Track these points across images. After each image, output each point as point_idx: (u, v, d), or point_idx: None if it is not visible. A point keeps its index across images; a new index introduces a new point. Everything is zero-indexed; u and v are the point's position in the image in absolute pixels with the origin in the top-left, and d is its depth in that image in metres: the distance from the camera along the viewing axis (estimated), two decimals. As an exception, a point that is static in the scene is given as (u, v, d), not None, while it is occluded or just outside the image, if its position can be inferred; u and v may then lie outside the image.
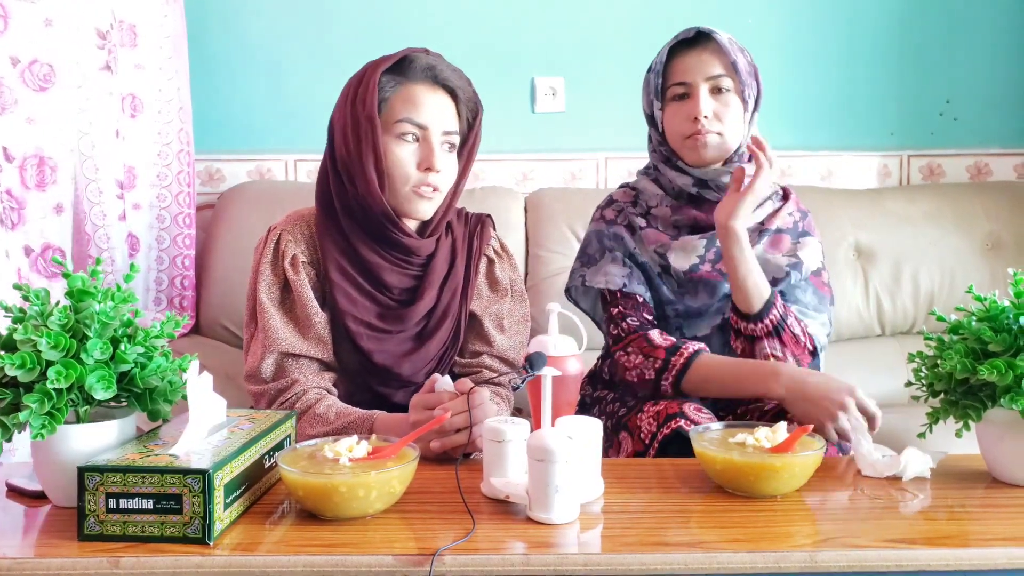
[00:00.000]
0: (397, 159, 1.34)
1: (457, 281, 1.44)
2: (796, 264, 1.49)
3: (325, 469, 0.96)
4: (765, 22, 2.47)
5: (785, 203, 1.55)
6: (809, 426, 1.07)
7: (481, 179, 2.46)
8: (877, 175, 2.53)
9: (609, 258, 1.52)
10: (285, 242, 1.39)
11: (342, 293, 1.37)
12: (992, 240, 2.30)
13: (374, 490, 0.94)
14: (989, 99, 2.53)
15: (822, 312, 1.50)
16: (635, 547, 0.89)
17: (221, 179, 2.44)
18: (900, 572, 0.88)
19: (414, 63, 1.36)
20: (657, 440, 1.29)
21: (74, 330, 0.96)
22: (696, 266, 1.48)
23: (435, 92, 1.36)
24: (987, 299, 1.08)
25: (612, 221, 1.55)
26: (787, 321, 1.42)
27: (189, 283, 2.26)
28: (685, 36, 1.48)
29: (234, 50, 2.42)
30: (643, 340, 1.43)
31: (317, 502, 0.95)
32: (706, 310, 1.50)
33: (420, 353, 1.39)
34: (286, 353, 1.34)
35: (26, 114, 1.79)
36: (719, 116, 1.45)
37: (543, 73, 2.47)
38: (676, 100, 1.48)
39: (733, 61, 1.44)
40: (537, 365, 1.00)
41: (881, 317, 2.27)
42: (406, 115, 1.34)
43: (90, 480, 0.90)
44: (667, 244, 1.50)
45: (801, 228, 1.54)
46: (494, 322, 1.46)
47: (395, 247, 1.38)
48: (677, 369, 1.38)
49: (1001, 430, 1.07)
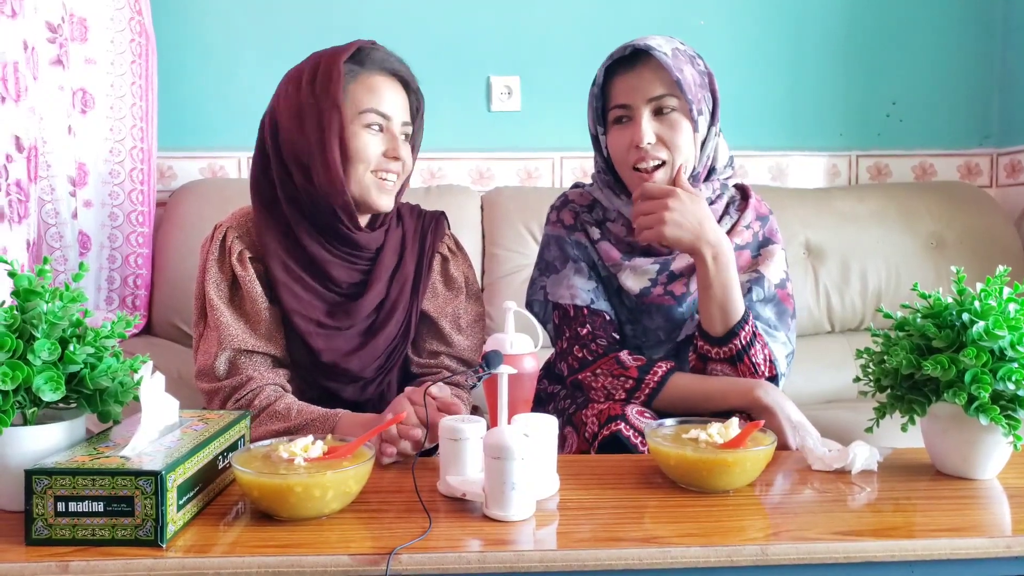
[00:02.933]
0: (363, 148, 1.33)
1: (407, 274, 1.42)
2: (758, 279, 1.41)
3: (280, 469, 0.95)
4: (716, 23, 2.50)
5: (743, 213, 1.46)
6: (760, 422, 1.10)
7: (437, 177, 2.46)
8: (826, 175, 2.59)
9: (573, 268, 1.44)
10: (231, 238, 1.37)
11: (288, 292, 1.35)
12: (936, 239, 2.36)
13: (330, 490, 0.94)
14: (934, 101, 2.60)
15: (781, 330, 1.42)
16: (590, 543, 0.90)
17: (173, 176, 2.40)
18: (849, 563, 0.90)
19: (370, 53, 1.36)
20: (597, 441, 1.28)
21: (20, 330, 0.94)
22: (648, 289, 1.41)
23: (392, 83, 1.37)
24: (931, 296, 1.11)
25: (572, 227, 1.47)
26: (749, 352, 1.34)
27: (143, 282, 2.22)
28: (621, 54, 1.36)
29: (186, 47, 2.39)
30: (613, 362, 1.37)
31: (272, 503, 0.94)
32: (664, 334, 1.45)
33: (368, 348, 1.38)
34: (239, 350, 1.33)
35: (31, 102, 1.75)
36: (665, 141, 1.34)
37: (499, 72, 2.47)
38: (618, 124, 1.38)
39: (677, 79, 1.32)
40: (493, 363, 1.00)
41: (831, 314, 2.32)
42: (371, 105, 1.33)
43: (38, 483, 0.88)
44: (619, 264, 1.42)
45: (762, 236, 1.46)
46: (451, 323, 1.45)
47: (343, 241, 1.37)
48: (651, 387, 1.34)
49: (945, 424, 1.10)
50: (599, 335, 1.41)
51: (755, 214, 1.47)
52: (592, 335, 1.41)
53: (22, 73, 1.72)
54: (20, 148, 1.71)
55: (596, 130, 1.43)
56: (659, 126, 1.35)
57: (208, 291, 1.35)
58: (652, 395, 1.34)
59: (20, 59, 1.71)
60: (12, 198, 1.69)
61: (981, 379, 1.02)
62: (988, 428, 1.05)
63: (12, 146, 1.69)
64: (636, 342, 1.47)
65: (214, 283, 1.35)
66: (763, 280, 1.41)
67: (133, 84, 2.19)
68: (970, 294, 1.08)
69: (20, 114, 1.71)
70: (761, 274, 1.42)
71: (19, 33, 1.71)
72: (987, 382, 1.02)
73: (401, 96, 1.37)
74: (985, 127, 2.61)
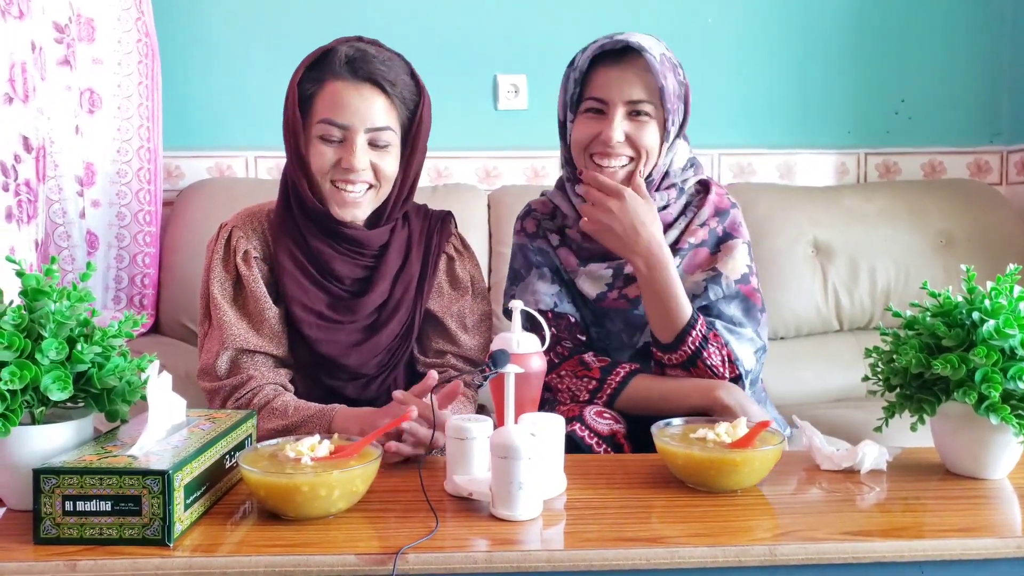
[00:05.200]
0: (315, 158, 1.33)
1: (412, 274, 1.42)
2: (715, 277, 1.40)
3: (287, 469, 0.95)
4: (725, 21, 2.49)
5: (699, 211, 1.43)
6: (770, 421, 1.09)
7: (444, 176, 2.46)
8: (835, 172, 2.57)
9: (536, 274, 1.44)
10: (236, 238, 1.38)
11: (292, 280, 1.36)
12: (945, 237, 2.35)
13: (337, 489, 0.94)
14: (943, 98, 2.58)
15: (748, 326, 1.39)
16: (597, 543, 0.90)
17: (180, 176, 2.40)
18: (857, 564, 0.90)
19: (334, 58, 1.33)
20: None
21: (28, 330, 0.94)
22: (603, 294, 1.42)
23: (358, 88, 1.32)
24: (941, 295, 1.10)
25: (534, 234, 1.47)
26: (702, 355, 1.33)
27: (150, 281, 2.22)
28: (612, 47, 1.34)
29: (194, 46, 2.39)
30: (576, 363, 1.38)
31: (279, 502, 0.94)
32: (626, 337, 1.45)
33: (368, 344, 1.38)
34: (241, 349, 1.33)
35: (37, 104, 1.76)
36: (634, 141, 1.34)
37: (505, 71, 2.47)
38: (589, 113, 1.36)
39: (661, 86, 1.32)
40: (500, 362, 1.00)
41: (839, 312, 2.31)
42: (326, 115, 1.32)
43: (46, 482, 0.88)
44: (576, 270, 1.43)
45: (721, 232, 1.43)
46: (458, 322, 1.45)
47: (345, 239, 1.38)
48: (612, 388, 1.34)
49: (955, 423, 1.09)
50: (563, 338, 1.42)
51: (713, 210, 1.44)
52: (557, 338, 1.41)
53: (30, 73, 1.72)
54: (28, 148, 1.72)
55: (565, 115, 1.41)
56: (630, 126, 1.34)
57: (212, 290, 1.35)
58: (614, 395, 1.34)
59: (28, 59, 1.71)
60: (21, 198, 1.70)
61: (991, 378, 1.01)
62: (998, 428, 1.04)
63: (20, 146, 1.70)
64: (602, 345, 1.47)
65: (218, 282, 1.36)
66: (720, 278, 1.40)
67: (140, 84, 2.20)
68: (980, 292, 1.07)
69: (28, 114, 1.72)
70: (718, 272, 1.40)
71: (27, 34, 1.71)
72: (997, 381, 1.01)
73: (369, 100, 1.32)
74: (995, 124, 2.59)
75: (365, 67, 1.32)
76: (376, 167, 1.34)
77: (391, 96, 1.34)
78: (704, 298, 1.39)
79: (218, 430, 1.04)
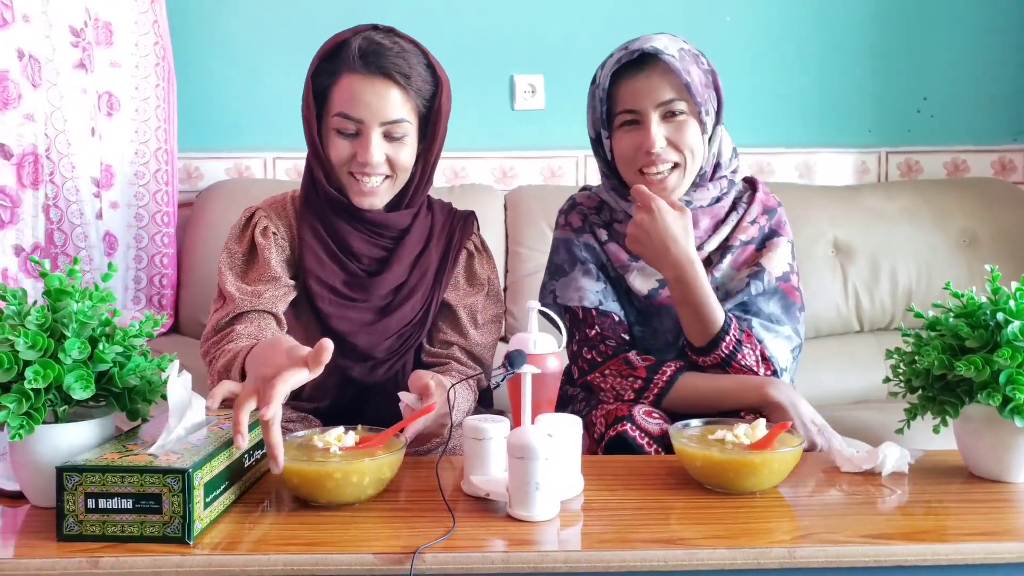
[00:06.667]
0: (334, 152, 1.36)
1: (430, 262, 1.43)
2: (757, 273, 1.39)
3: (316, 457, 0.99)
4: (744, 19, 2.48)
5: (749, 208, 1.44)
6: (788, 423, 1.08)
7: (460, 177, 2.46)
8: (855, 171, 2.55)
9: (581, 270, 1.43)
10: (259, 216, 1.41)
11: (311, 253, 1.38)
12: (968, 236, 2.33)
13: (367, 476, 0.98)
14: (966, 96, 2.55)
15: (786, 323, 1.40)
16: (615, 544, 0.90)
17: (199, 177, 2.42)
18: (878, 567, 0.89)
19: (348, 51, 1.34)
20: (603, 442, 1.27)
21: (52, 330, 0.95)
22: (656, 291, 1.40)
23: (372, 81, 1.32)
24: (964, 295, 1.09)
25: (580, 229, 1.45)
26: (735, 358, 1.33)
27: (168, 281, 2.24)
28: (629, 59, 1.34)
29: (213, 48, 2.40)
30: (621, 362, 1.37)
31: (312, 489, 0.98)
32: (673, 336, 1.43)
33: (379, 326, 1.38)
34: (238, 314, 1.32)
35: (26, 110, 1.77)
36: (675, 144, 1.34)
37: (522, 71, 2.47)
38: (625, 127, 1.36)
39: (686, 82, 1.32)
40: (517, 363, 1.00)
41: (859, 313, 2.29)
42: (341, 109, 1.34)
43: (69, 480, 0.89)
44: (627, 265, 1.42)
45: (768, 230, 1.44)
46: (469, 316, 1.46)
47: (365, 221, 1.40)
48: (659, 387, 1.33)
49: (978, 426, 1.08)
50: (608, 336, 1.40)
51: (762, 208, 1.45)
52: (601, 336, 1.40)
53: (14, 81, 1.73)
54: (7, 155, 1.74)
55: (598, 133, 1.41)
56: (668, 129, 1.34)
57: (220, 264, 1.38)
58: (661, 395, 1.34)
59: (13, 67, 1.73)
60: None
61: (1016, 380, 1.00)
62: (1023, 430, 1.03)
63: None
64: (646, 344, 1.45)
65: (227, 255, 1.39)
66: (763, 273, 1.40)
67: (157, 87, 2.21)
68: (1004, 293, 1.06)
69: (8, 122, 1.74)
70: (761, 267, 1.40)
71: (12, 42, 1.73)
72: (1022, 383, 1.00)
73: (382, 93, 1.32)
74: (1019, 122, 2.56)
75: (378, 61, 1.32)
76: (391, 159, 1.35)
77: (406, 88, 1.34)
78: (745, 293, 1.39)
79: (237, 429, 1.04)
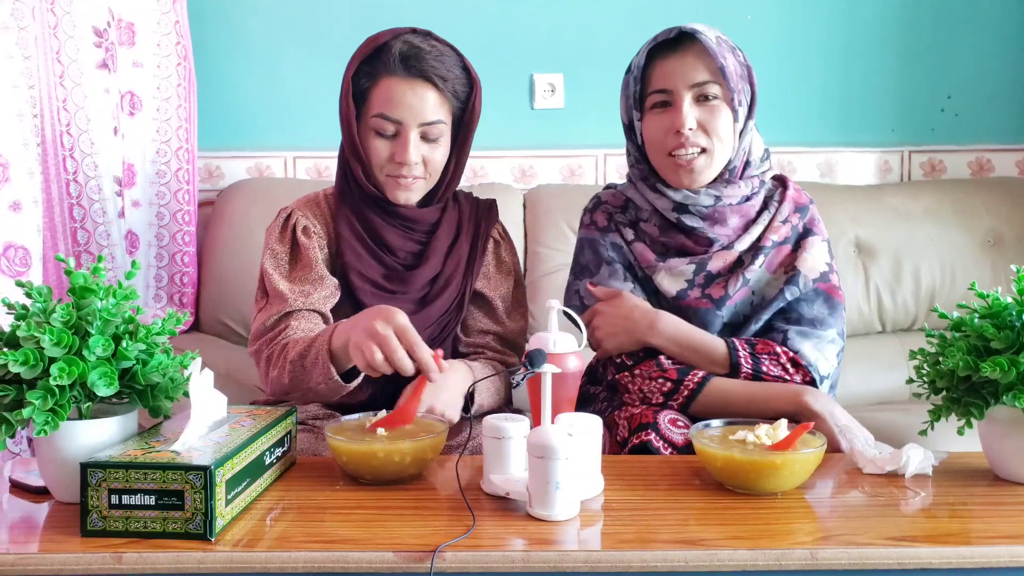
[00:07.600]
0: (373, 152, 1.40)
1: (461, 253, 1.48)
2: (792, 277, 1.37)
3: (366, 437, 1.08)
4: (765, 17, 2.46)
5: (780, 207, 1.42)
6: (810, 424, 1.07)
7: (480, 176, 2.46)
8: (878, 171, 2.53)
9: (608, 271, 1.41)
10: (296, 216, 1.44)
11: (350, 249, 1.42)
12: (993, 236, 2.30)
13: (408, 455, 1.06)
14: (990, 94, 2.52)
15: (831, 326, 1.37)
16: (635, 544, 0.89)
17: (220, 176, 2.43)
18: (902, 570, 0.88)
19: (388, 55, 1.38)
20: (627, 449, 1.26)
21: (76, 327, 0.96)
22: (684, 292, 1.38)
23: (412, 83, 1.38)
24: (989, 296, 1.08)
25: (606, 228, 1.44)
26: (761, 370, 1.32)
27: (190, 280, 2.26)
28: (666, 37, 1.34)
29: (233, 47, 2.41)
30: (652, 365, 1.34)
31: (359, 466, 1.07)
32: None
33: (420, 316, 1.41)
34: (289, 312, 1.36)
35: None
36: (705, 128, 1.33)
37: (542, 70, 2.46)
38: (656, 109, 1.35)
39: (721, 65, 1.31)
40: (537, 362, 1.00)
41: (882, 314, 2.27)
42: (380, 110, 1.38)
43: (93, 476, 0.90)
44: (654, 265, 1.39)
45: (802, 228, 1.42)
46: (503, 304, 1.51)
47: (398, 216, 1.44)
48: (689, 390, 1.31)
49: (1004, 428, 1.07)
50: None
51: (793, 206, 1.43)
52: None
53: None
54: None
55: (631, 116, 1.41)
56: (700, 112, 1.33)
57: (265, 266, 1.41)
58: (690, 398, 1.32)
59: None
60: None
61: (1042, 381, 0.99)
62: (1049, 432, 1.02)
63: None
64: None
65: (271, 256, 1.42)
66: (797, 277, 1.37)
67: (179, 86, 2.23)
68: (1030, 293, 1.05)
69: None
70: (796, 270, 1.38)
71: None
72: (1048, 385, 0.99)
73: (422, 95, 1.38)
74: (1044, 121, 2.53)
75: (418, 64, 1.37)
76: (427, 159, 1.41)
77: (443, 91, 1.39)
78: (780, 299, 1.37)
79: (258, 426, 1.05)
